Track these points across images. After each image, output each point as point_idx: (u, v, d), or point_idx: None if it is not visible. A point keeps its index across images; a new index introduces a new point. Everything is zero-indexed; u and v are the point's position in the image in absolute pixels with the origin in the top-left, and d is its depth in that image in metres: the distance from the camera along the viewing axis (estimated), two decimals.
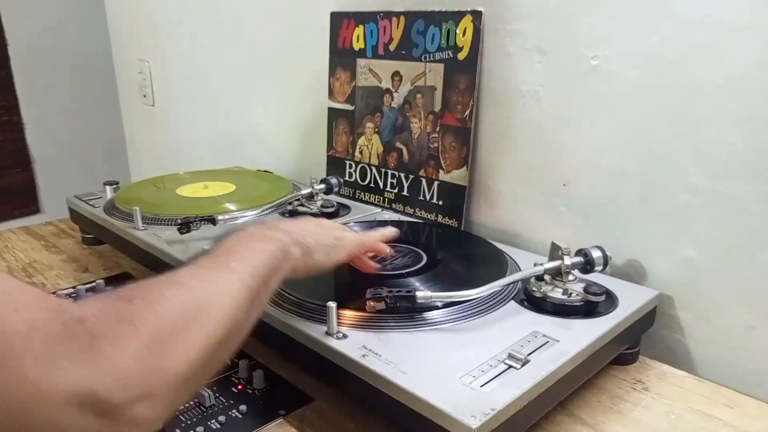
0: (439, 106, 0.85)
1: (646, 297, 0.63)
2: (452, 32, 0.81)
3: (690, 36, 0.61)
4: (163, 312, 0.36)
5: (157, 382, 0.34)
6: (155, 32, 1.50)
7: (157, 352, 0.34)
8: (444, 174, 0.86)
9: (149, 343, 0.34)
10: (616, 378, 0.61)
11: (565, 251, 0.61)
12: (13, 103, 1.63)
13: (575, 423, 0.55)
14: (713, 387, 0.60)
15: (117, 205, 0.91)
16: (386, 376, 0.48)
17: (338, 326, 0.55)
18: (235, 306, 0.41)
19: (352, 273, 0.67)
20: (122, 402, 0.32)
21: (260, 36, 1.17)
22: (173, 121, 1.55)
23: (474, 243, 0.81)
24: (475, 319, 0.57)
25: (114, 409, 0.32)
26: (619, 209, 0.71)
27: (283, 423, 0.55)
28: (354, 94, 0.98)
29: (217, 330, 0.39)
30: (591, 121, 0.71)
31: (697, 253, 0.65)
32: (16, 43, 1.60)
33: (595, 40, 0.68)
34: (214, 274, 0.43)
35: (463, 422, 0.43)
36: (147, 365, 0.34)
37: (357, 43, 0.95)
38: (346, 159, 1.02)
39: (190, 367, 0.36)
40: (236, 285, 0.43)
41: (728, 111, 0.60)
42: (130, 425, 0.33)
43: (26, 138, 1.66)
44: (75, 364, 0.31)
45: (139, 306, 0.36)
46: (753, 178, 0.59)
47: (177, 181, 1.03)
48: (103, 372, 0.32)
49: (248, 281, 0.44)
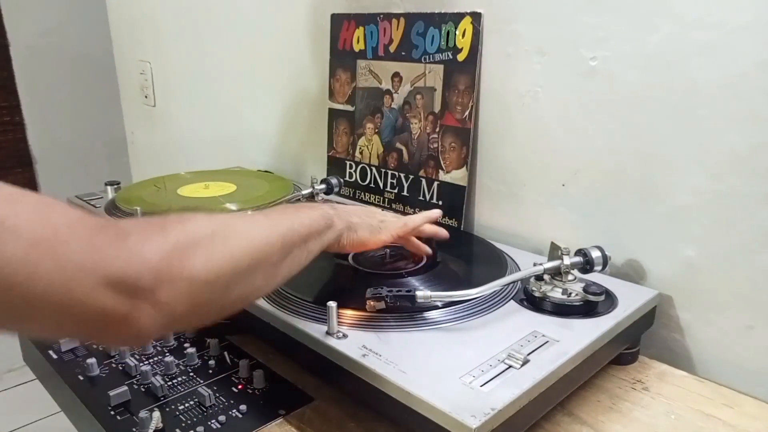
0: (438, 107, 0.85)
1: (646, 297, 0.63)
2: (452, 33, 0.82)
3: (690, 36, 0.61)
4: (192, 228, 0.42)
5: (178, 276, 0.39)
6: (156, 33, 1.50)
7: (182, 252, 0.39)
8: (444, 174, 0.86)
9: (175, 245, 0.39)
10: (615, 378, 0.61)
11: (564, 251, 0.61)
12: (15, 103, 1.63)
13: (575, 423, 0.55)
14: (713, 387, 0.60)
15: (118, 205, 0.91)
16: (386, 376, 0.48)
17: (338, 326, 0.55)
18: (264, 244, 0.46)
19: (352, 273, 0.68)
20: (147, 286, 0.37)
21: (261, 37, 1.17)
22: (174, 121, 1.55)
23: (474, 243, 0.82)
24: (475, 318, 0.57)
25: (140, 292, 0.36)
26: (618, 209, 0.71)
27: (283, 423, 0.55)
28: (354, 94, 0.98)
29: (241, 255, 0.43)
30: (590, 121, 0.71)
31: (697, 253, 0.65)
32: (17, 43, 1.61)
33: (594, 41, 0.68)
34: (252, 218, 0.49)
35: (463, 422, 0.43)
36: (170, 261, 0.38)
37: (357, 44, 0.95)
38: (346, 159, 1.02)
39: (210, 275, 0.41)
40: (270, 231, 0.47)
41: (728, 111, 0.60)
42: (152, 310, 0.37)
43: (28, 138, 1.67)
44: (109, 250, 0.36)
45: (172, 221, 0.42)
46: (753, 178, 0.60)
47: (178, 181, 1.03)
48: (131, 257, 0.37)
49: (284, 232, 0.48)
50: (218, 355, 0.65)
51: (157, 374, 0.61)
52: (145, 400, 0.58)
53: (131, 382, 0.60)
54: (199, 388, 0.58)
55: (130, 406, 0.57)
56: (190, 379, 0.61)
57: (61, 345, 0.66)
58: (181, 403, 0.57)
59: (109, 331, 0.37)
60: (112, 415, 0.56)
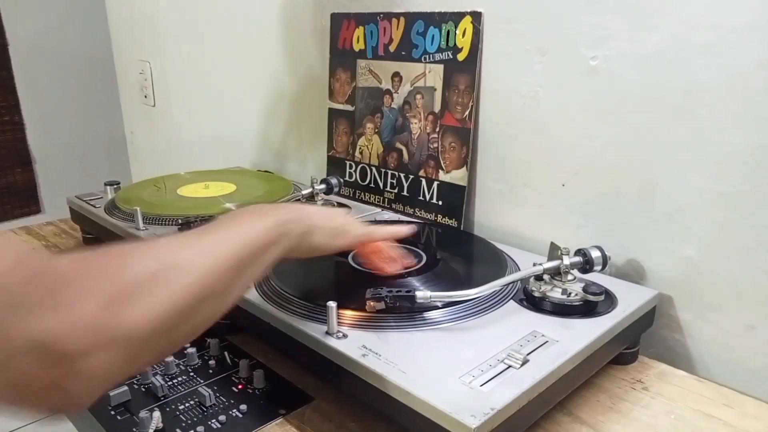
0: (438, 107, 0.85)
1: (646, 297, 0.63)
2: (452, 33, 0.82)
3: (690, 36, 0.61)
4: (133, 268, 0.38)
5: (113, 337, 0.34)
6: (156, 32, 1.50)
7: (120, 306, 0.35)
8: (444, 174, 0.86)
9: (113, 296, 0.35)
10: (615, 378, 0.61)
11: (564, 251, 0.61)
12: (14, 103, 1.63)
13: (575, 422, 0.55)
14: (713, 387, 0.60)
15: (118, 205, 0.91)
16: (386, 376, 0.48)
17: (338, 326, 0.55)
18: (206, 274, 0.41)
19: (352, 273, 0.68)
20: (75, 352, 0.32)
21: (261, 36, 1.17)
22: (174, 121, 1.55)
23: (473, 243, 0.82)
24: (475, 318, 0.57)
25: (65, 359, 0.32)
26: (618, 209, 0.71)
27: (283, 422, 0.55)
28: (354, 94, 0.98)
29: (183, 295, 0.39)
30: (590, 121, 0.71)
31: (697, 253, 0.65)
32: (17, 43, 1.60)
33: (594, 40, 0.68)
34: (195, 242, 0.44)
35: (463, 422, 0.43)
36: (106, 319, 0.34)
37: (357, 44, 0.95)
38: (346, 159, 1.02)
39: (151, 326, 0.36)
40: (217, 258, 0.43)
41: (728, 111, 0.60)
42: (82, 377, 0.33)
43: (27, 138, 1.67)
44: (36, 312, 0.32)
45: (114, 260, 0.38)
46: (753, 178, 0.60)
47: (178, 181, 1.03)
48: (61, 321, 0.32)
49: (234, 252, 0.44)
50: (218, 355, 0.65)
51: (157, 374, 0.61)
52: (145, 400, 0.58)
53: (131, 382, 0.60)
54: (199, 387, 0.58)
55: (130, 406, 0.57)
56: (190, 379, 0.61)
57: None
58: (181, 403, 0.57)
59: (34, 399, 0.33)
60: (112, 415, 0.56)
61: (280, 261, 0.50)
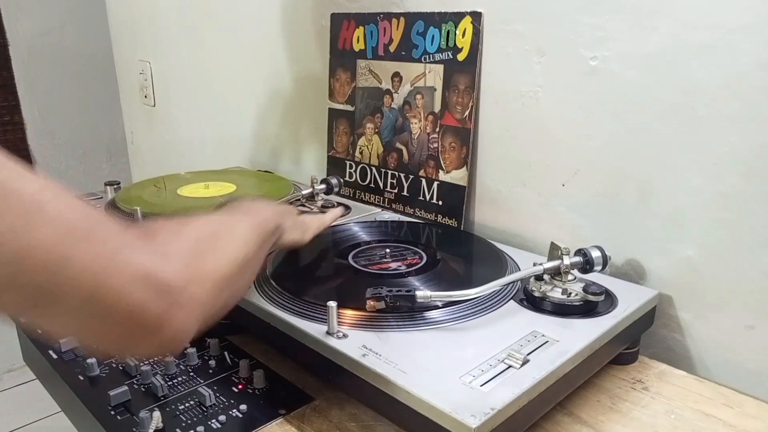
0: (438, 107, 0.85)
1: (646, 297, 0.63)
2: (452, 33, 0.82)
3: (690, 36, 0.61)
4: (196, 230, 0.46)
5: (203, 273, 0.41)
6: (156, 33, 1.50)
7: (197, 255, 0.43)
8: (444, 174, 0.86)
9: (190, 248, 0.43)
10: (615, 378, 0.61)
11: (564, 251, 0.61)
12: (14, 103, 1.63)
13: (575, 422, 0.55)
14: (713, 387, 0.60)
15: (118, 205, 0.91)
16: (386, 376, 0.48)
17: (338, 326, 0.55)
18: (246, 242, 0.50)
19: (352, 273, 0.68)
20: (179, 283, 0.38)
21: (261, 37, 1.17)
22: (174, 121, 1.55)
23: (473, 243, 0.82)
24: (475, 318, 0.57)
25: (172, 289, 0.37)
26: (618, 209, 0.71)
27: (283, 422, 0.55)
28: (354, 94, 0.98)
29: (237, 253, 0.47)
30: (590, 121, 0.71)
31: (697, 252, 0.65)
32: (17, 43, 1.61)
33: (594, 41, 0.68)
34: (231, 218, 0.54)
35: (463, 422, 0.43)
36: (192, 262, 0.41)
37: (357, 44, 0.95)
38: (346, 159, 1.02)
39: (222, 272, 0.44)
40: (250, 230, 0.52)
41: (728, 111, 0.60)
42: (186, 304, 0.38)
43: (27, 138, 1.67)
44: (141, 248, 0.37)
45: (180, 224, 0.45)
46: (753, 178, 0.60)
47: (178, 181, 1.03)
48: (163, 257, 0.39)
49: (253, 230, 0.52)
50: (218, 355, 0.65)
51: (157, 374, 0.61)
52: (145, 400, 0.58)
53: (131, 381, 0.60)
54: (200, 387, 0.58)
55: (130, 406, 0.57)
56: (190, 379, 0.61)
57: (62, 345, 0.66)
58: (181, 403, 0.57)
59: (141, 334, 0.37)
60: (112, 415, 0.56)
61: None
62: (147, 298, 0.35)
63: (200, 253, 0.43)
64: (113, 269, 0.34)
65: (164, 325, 0.37)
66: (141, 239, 0.39)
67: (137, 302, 0.35)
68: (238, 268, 0.47)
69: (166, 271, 0.37)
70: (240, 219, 0.54)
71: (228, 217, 0.54)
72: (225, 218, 0.53)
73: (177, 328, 0.38)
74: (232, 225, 0.51)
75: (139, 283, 0.35)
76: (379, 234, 0.80)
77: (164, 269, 0.37)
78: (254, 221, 0.54)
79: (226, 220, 0.52)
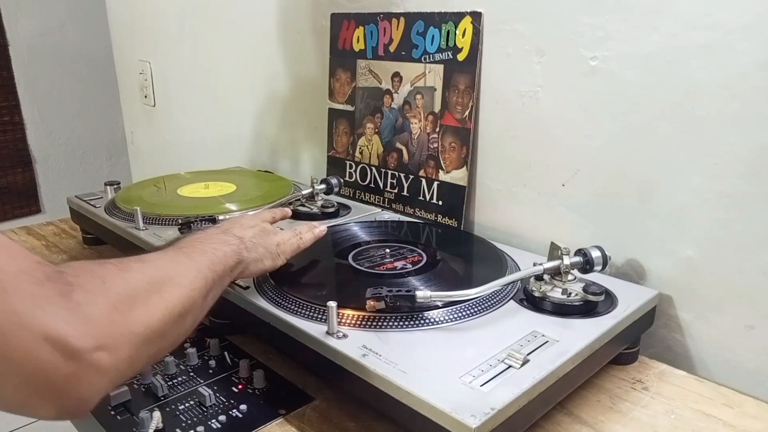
0: (438, 107, 0.85)
1: (646, 297, 0.63)
2: (452, 33, 0.82)
3: (690, 36, 0.61)
4: (131, 278, 0.42)
5: (119, 336, 0.38)
6: (156, 33, 1.50)
7: (123, 310, 0.40)
8: (444, 174, 0.86)
9: (116, 301, 0.39)
10: (615, 378, 0.61)
11: (564, 251, 0.61)
12: (14, 103, 1.63)
13: (575, 422, 0.55)
14: (713, 387, 0.60)
15: (118, 205, 0.91)
16: (386, 376, 0.48)
17: (338, 326, 0.55)
18: (192, 288, 0.47)
19: (352, 273, 0.68)
20: (86, 348, 0.36)
21: (261, 37, 1.17)
22: (174, 121, 1.55)
23: (474, 243, 0.82)
24: (475, 318, 0.57)
25: (78, 353, 0.35)
26: (618, 209, 0.71)
27: (283, 422, 0.55)
28: (354, 94, 0.98)
29: (175, 304, 0.45)
30: (590, 121, 0.71)
31: (697, 252, 0.65)
32: (17, 43, 1.61)
33: (594, 41, 0.68)
34: (176, 258, 0.50)
35: (463, 421, 0.43)
36: (112, 319, 0.38)
37: (357, 44, 0.95)
38: (346, 159, 1.02)
39: (150, 330, 0.41)
40: (195, 275, 0.49)
41: (728, 111, 0.60)
42: (91, 370, 0.36)
43: (27, 138, 1.67)
44: (52, 307, 0.35)
45: (111, 270, 0.42)
46: (753, 178, 0.60)
47: (178, 181, 1.03)
48: (74, 318, 0.36)
49: (205, 273, 0.50)
50: (218, 355, 0.65)
51: (157, 374, 0.61)
52: (145, 400, 0.58)
53: (131, 382, 0.60)
54: (199, 387, 0.58)
55: (130, 406, 0.57)
56: (190, 379, 0.61)
57: None
58: (181, 403, 0.57)
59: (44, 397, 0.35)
60: (112, 415, 0.56)
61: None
62: (52, 362, 0.34)
63: (127, 308, 0.40)
64: (19, 332, 0.33)
65: (68, 390, 0.35)
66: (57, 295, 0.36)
67: (42, 365, 0.34)
68: (176, 318, 0.44)
69: (74, 335, 0.35)
70: (188, 260, 0.50)
71: (174, 260, 0.49)
72: (169, 262, 0.49)
73: (82, 394, 0.36)
74: (175, 270, 0.47)
75: (46, 344, 0.34)
76: (379, 234, 0.80)
77: (73, 332, 0.35)
78: (206, 262, 0.51)
79: (171, 263, 0.48)
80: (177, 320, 0.45)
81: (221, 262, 0.53)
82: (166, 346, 0.45)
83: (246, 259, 0.58)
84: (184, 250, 0.52)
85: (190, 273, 0.48)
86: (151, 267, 0.46)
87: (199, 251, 0.52)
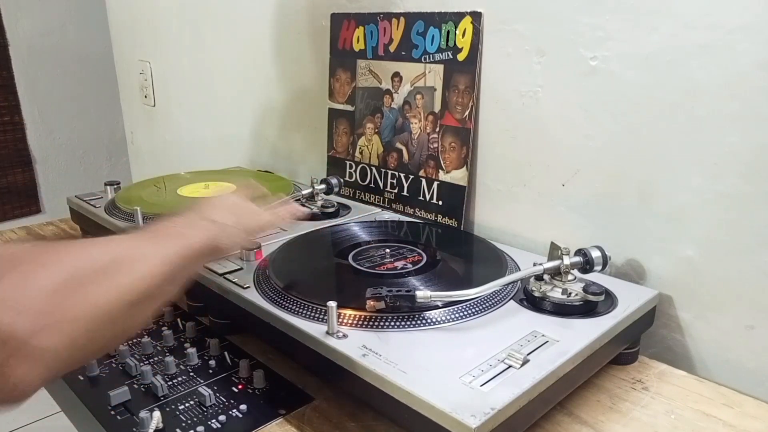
0: (438, 107, 0.85)
1: (646, 297, 0.63)
2: (452, 33, 0.82)
3: (690, 36, 0.61)
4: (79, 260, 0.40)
5: (58, 320, 0.36)
6: (156, 33, 1.50)
7: (64, 293, 0.37)
8: (444, 174, 0.86)
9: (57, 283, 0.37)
10: (615, 377, 0.61)
11: (564, 251, 0.61)
12: (15, 103, 1.63)
13: (575, 422, 0.55)
14: (713, 387, 0.60)
15: (118, 205, 0.91)
16: (386, 376, 0.48)
17: (338, 326, 0.55)
18: (151, 274, 0.44)
19: (352, 273, 0.68)
20: (21, 333, 0.34)
21: (261, 37, 1.17)
22: (174, 121, 1.55)
23: (474, 243, 0.82)
24: (475, 318, 0.57)
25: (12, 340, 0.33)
26: (618, 209, 0.71)
27: (283, 422, 0.55)
28: (354, 94, 0.98)
29: (128, 288, 0.42)
30: (590, 121, 0.71)
31: (697, 252, 0.65)
32: (17, 43, 1.61)
33: (594, 41, 0.68)
34: (138, 243, 0.47)
35: (463, 421, 0.43)
36: (51, 302, 0.36)
37: (357, 44, 0.95)
38: (346, 159, 1.02)
39: (95, 315, 0.39)
40: (157, 257, 0.46)
41: (728, 111, 0.60)
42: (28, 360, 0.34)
43: (27, 138, 1.67)
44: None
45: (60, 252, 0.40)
46: (753, 178, 0.60)
47: (178, 181, 1.03)
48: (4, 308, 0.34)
49: (171, 258, 0.47)
50: (218, 355, 0.65)
51: (157, 374, 0.61)
52: (145, 400, 0.58)
53: (131, 382, 0.60)
54: (199, 388, 0.58)
55: (130, 406, 0.57)
56: (190, 379, 0.61)
57: None
58: (181, 403, 0.57)
59: None
60: (112, 415, 0.56)
61: None
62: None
63: (70, 291, 0.37)
64: None
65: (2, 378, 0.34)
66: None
67: None
68: (129, 305, 0.41)
69: (6, 321, 0.33)
70: (152, 245, 0.47)
71: (135, 244, 0.47)
72: (129, 246, 0.46)
73: (17, 382, 0.34)
74: (133, 254, 0.44)
75: None
76: (379, 234, 0.80)
77: (5, 318, 0.33)
78: (174, 247, 0.48)
79: (131, 247, 0.46)
80: (130, 306, 0.42)
81: (191, 247, 0.50)
82: (118, 332, 0.42)
83: (221, 244, 0.55)
84: (150, 234, 0.50)
85: (151, 258, 0.45)
86: (104, 249, 0.43)
87: (169, 235, 0.50)
